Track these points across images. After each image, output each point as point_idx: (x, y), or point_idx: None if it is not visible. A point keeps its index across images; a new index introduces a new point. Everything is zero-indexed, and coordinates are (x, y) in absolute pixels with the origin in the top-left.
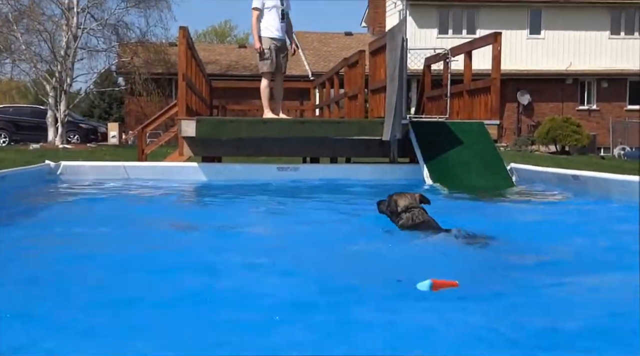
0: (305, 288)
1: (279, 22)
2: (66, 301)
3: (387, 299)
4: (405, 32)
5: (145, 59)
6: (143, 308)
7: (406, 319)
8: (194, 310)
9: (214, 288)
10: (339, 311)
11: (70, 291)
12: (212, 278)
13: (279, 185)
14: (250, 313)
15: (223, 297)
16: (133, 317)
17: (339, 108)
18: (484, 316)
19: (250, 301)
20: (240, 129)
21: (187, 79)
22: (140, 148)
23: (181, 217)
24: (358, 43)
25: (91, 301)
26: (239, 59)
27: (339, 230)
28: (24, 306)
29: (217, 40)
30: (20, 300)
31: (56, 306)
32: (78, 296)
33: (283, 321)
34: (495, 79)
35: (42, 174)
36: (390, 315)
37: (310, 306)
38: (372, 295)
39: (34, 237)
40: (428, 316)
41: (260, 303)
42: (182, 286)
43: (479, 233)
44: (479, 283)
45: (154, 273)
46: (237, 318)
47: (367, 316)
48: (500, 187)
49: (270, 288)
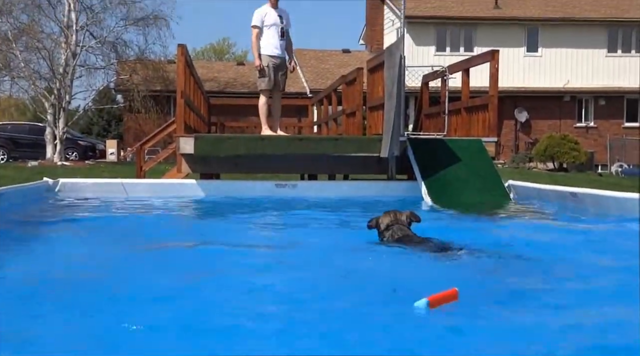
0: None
1: (278, 40)
2: (61, 321)
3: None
4: (403, 50)
5: (144, 77)
6: (126, 335)
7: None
8: (185, 335)
9: (208, 311)
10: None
11: (66, 309)
12: (207, 299)
13: (277, 202)
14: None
15: (216, 322)
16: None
17: (337, 125)
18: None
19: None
20: (238, 146)
21: (185, 96)
22: (139, 165)
23: (178, 234)
24: (356, 60)
25: (83, 320)
26: (237, 76)
27: (329, 245)
28: (17, 324)
29: (215, 57)
30: (15, 318)
31: (51, 325)
32: (72, 315)
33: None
34: (493, 96)
35: (41, 191)
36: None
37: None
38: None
39: (32, 254)
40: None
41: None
42: (171, 310)
43: (456, 244)
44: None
45: (146, 297)
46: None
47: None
48: (498, 204)
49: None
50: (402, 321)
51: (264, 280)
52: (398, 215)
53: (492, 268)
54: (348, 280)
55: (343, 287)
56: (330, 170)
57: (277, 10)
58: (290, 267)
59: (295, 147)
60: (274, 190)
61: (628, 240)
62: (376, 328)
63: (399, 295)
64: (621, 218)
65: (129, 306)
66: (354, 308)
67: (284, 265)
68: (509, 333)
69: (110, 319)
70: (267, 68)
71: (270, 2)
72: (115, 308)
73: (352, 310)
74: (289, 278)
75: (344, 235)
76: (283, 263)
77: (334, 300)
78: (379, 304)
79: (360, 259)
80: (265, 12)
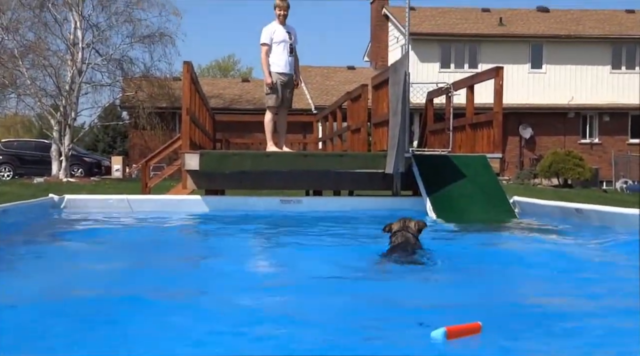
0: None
1: (287, 57)
2: (67, 339)
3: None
4: (407, 66)
5: (149, 93)
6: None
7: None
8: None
9: (212, 329)
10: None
11: (69, 327)
12: (209, 318)
13: (282, 217)
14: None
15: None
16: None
17: (342, 141)
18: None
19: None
20: (243, 162)
21: (190, 113)
22: (144, 182)
23: (182, 251)
24: (361, 77)
25: (84, 340)
26: (242, 93)
27: (331, 261)
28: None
29: (220, 74)
30: (18, 334)
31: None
32: (75, 332)
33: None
34: (498, 112)
35: (46, 208)
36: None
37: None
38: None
39: (36, 269)
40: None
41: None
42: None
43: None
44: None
45: (148, 313)
46: None
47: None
48: (503, 220)
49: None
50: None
51: (263, 297)
52: (407, 222)
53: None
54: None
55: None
56: (335, 186)
57: (285, 27)
58: (291, 285)
59: (301, 163)
60: (279, 206)
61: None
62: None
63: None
64: (626, 234)
65: (130, 320)
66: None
67: (285, 282)
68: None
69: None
70: (275, 85)
71: (278, 19)
72: (112, 324)
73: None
74: (289, 298)
75: (345, 251)
76: (283, 280)
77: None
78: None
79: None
80: (273, 29)
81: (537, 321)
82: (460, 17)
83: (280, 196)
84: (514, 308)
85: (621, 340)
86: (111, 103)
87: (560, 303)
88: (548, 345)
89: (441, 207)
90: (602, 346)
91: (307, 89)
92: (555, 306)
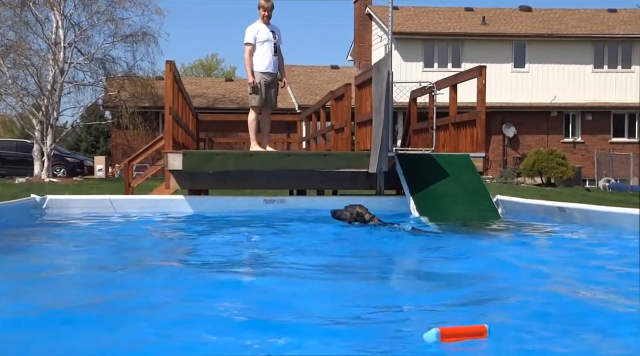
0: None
1: (271, 56)
2: (47, 340)
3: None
4: (390, 66)
5: (132, 93)
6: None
7: None
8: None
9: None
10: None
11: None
12: (199, 326)
13: (266, 217)
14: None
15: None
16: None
17: (326, 141)
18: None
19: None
20: (227, 162)
21: (173, 113)
22: (127, 182)
23: (164, 251)
24: (344, 76)
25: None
26: (226, 92)
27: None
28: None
29: (203, 73)
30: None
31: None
32: (58, 334)
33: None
34: (481, 111)
35: (27, 208)
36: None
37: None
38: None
39: (16, 271)
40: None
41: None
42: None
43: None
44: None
45: (135, 317)
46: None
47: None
48: (486, 219)
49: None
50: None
51: (248, 294)
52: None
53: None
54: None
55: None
56: (319, 186)
57: (269, 26)
58: (281, 278)
59: (284, 163)
60: (262, 206)
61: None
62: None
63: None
64: (607, 232)
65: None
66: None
67: (274, 275)
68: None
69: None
70: (259, 85)
71: (261, 18)
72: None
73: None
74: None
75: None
76: (273, 274)
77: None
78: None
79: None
80: (257, 28)
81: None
82: (444, 17)
83: (264, 196)
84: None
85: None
86: (94, 103)
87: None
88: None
89: (425, 206)
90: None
91: (290, 88)
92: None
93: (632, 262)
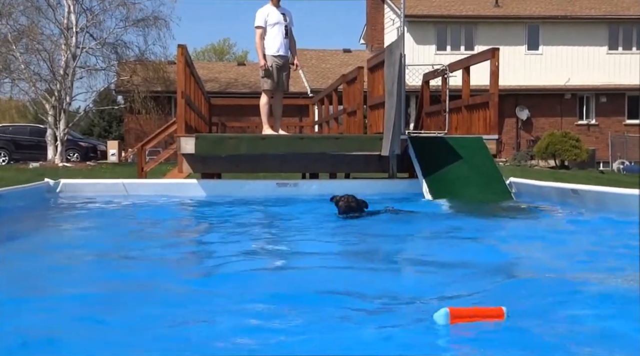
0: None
1: (282, 39)
2: (58, 325)
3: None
4: (403, 49)
5: (144, 78)
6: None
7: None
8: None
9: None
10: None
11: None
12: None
13: (279, 201)
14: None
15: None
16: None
17: (338, 124)
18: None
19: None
20: (239, 146)
21: (185, 97)
22: (140, 166)
23: (177, 235)
24: (356, 60)
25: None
26: (238, 77)
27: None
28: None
29: (215, 58)
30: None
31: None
32: (72, 318)
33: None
34: (494, 94)
35: (41, 192)
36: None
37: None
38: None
39: (31, 254)
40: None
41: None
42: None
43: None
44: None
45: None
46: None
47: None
48: (499, 201)
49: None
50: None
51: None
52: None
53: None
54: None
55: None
56: (331, 169)
57: (279, 9)
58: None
59: (297, 146)
60: (275, 189)
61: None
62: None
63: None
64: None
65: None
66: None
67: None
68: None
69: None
70: (270, 68)
71: (272, 1)
72: (107, 311)
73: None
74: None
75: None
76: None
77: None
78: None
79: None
80: (267, 11)
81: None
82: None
83: (277, 179)
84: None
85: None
86: (106, 88)
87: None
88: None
89: (437, 188)
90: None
91: (302, 72)
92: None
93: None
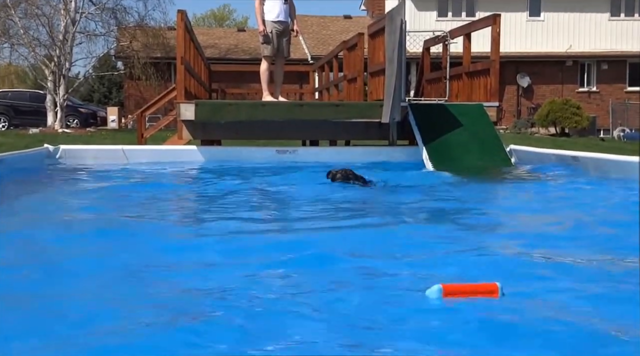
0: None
1: (281, 5)
2: (57, 291)
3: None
4: (404, 15)
5: (144, 43)
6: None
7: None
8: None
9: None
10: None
11: (61, 281)
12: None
13: (278, 167)
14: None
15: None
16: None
17: (338, 91)
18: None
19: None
20: (239, 112)
21: (185, 63)
22: (140, 132)
23: (177, 202)
24: (357, 26)
25: (76, 289)
26: (238, 43)
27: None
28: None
29: (215, 24)
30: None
31: (46, 296)
32: (67, 285)
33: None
34: (495, 61)
35: (41, 158)
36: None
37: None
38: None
39: (29, 219)
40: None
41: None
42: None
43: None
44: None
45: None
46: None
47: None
48: (499, 168)
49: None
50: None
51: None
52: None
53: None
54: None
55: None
56: (331, 136)
57: None
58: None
59: (297, 113)
60: (275, 156)
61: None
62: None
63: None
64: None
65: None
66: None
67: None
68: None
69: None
70: (270, 34)
71: None
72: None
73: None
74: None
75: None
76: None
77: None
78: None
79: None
80: None
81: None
82: None
83: (276, 146)
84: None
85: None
86: (106, 54)
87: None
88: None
89: (437, 155)
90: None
91: (303, 38)
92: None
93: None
